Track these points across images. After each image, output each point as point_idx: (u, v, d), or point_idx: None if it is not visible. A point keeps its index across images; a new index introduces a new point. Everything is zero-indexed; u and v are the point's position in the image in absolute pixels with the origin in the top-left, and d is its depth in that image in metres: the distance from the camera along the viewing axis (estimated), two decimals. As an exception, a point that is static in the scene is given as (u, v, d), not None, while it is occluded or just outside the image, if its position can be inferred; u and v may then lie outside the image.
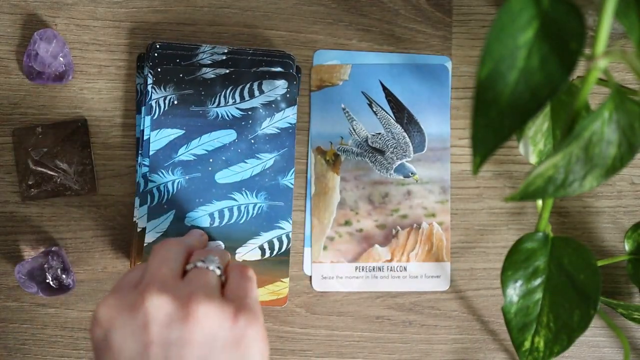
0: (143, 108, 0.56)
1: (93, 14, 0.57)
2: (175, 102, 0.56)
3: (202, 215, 0.56)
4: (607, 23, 0.37)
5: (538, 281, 0.50)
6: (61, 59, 0.56)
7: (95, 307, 0.43)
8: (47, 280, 0.55)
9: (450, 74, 0.58)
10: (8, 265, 0.57)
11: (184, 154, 0.56)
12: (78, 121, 0.57)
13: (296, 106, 0.57)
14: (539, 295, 0.50)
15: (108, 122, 0.58)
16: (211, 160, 0.56)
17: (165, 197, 0.56)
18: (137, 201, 0.56)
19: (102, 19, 0.58)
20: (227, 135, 0.56)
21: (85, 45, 0.58)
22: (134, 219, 0.56)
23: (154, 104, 0.56)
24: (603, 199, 0.59)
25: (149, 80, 0.56)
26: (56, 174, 0.57)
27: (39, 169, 0.57)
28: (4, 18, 0.57)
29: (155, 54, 0.56)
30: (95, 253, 0.58)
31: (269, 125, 0.57)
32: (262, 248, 0.57)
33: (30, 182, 0.57)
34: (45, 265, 0.55)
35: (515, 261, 0.50)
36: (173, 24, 0.58)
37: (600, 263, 0.48)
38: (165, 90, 0.56)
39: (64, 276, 0.56)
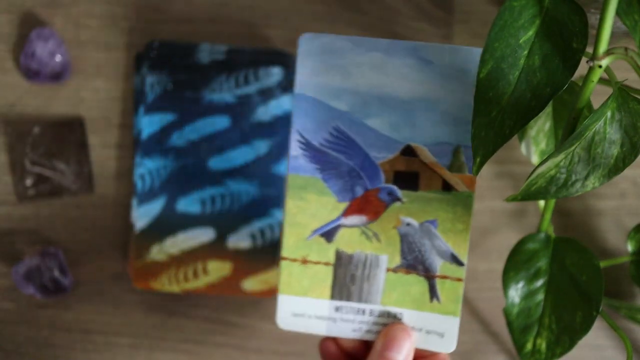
0: (141, 108, 0.56)
1: (91, 13, 0.57)
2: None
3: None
4: (609, 22, 0.37)
5: (540, 282, 0.49)
6: (58, 58, 0.55)
7: None
8: (44, 282, 0.55)
9: (451, 73, 0.58)
10: (5, 266, 0.57)
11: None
12: (75, 121, 0.57)
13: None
14: (541, 296, 0.49)
15: (106, 122, 0.57)
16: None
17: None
18: (134, 202, 0.56)
19: (100, 18, 0.57)
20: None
21: (83, 44, 0.57)
22: (132, 220, 0.56)
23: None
24: (606, 199, 0.58)
25: (148, 80, 0.55)
26: (53, 174, 0.56)
27: (36, 169, 0.56)
28: (1, 17, 0.57)
29: (154, 53, 0.56)
30: (92, 254, 0.57)
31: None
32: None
33: (27, 183, 0.56)
34: (42, 267, 0.55)
35: (517, 262, 0.49)
36: (172, 22, 0.57)
37: (602, 264, 0.48)
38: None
39: (61, 277, 0.55)
